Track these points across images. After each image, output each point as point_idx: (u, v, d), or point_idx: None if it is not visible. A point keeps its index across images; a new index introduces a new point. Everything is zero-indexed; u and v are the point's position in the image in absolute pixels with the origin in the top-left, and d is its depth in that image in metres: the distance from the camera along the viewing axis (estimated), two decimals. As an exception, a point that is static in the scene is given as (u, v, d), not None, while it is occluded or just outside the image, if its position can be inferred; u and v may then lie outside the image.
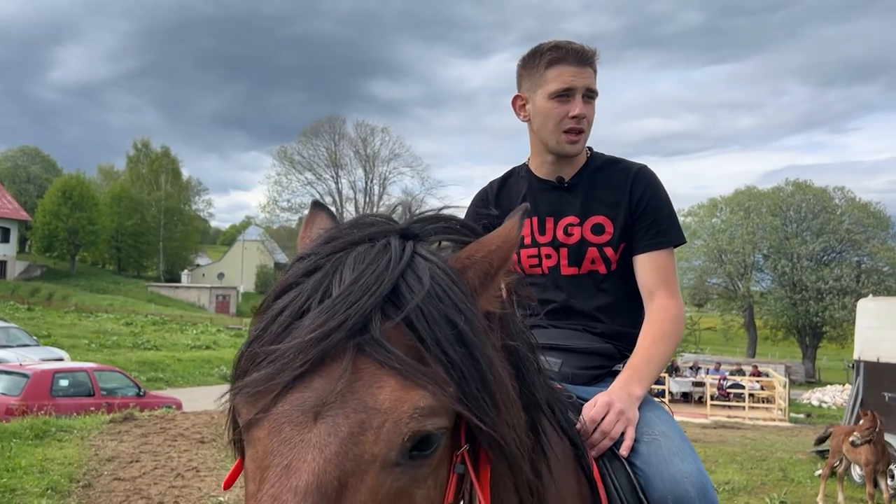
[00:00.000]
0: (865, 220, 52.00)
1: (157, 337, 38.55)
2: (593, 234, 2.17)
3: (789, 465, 13.44)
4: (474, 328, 1.07)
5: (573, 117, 2.13)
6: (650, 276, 2.13)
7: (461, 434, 1.09)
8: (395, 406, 0.98)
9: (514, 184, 2.35)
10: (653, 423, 1.86)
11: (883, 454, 9.46)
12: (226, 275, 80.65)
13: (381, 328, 1.01)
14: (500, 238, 1.19)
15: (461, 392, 1.02)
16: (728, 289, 56.35)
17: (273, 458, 0.97)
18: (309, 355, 0.98)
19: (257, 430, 1.01)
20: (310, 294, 1.05)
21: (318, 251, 1.13)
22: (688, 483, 1.71)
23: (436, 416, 1.00)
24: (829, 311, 48.14)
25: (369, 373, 0.99)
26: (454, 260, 1.16)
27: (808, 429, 22.24)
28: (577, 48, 2.15)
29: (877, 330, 12.77)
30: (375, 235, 1.14)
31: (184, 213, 77.99)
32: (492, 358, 1.09)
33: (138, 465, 8.84)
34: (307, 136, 66.95)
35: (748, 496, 10.26)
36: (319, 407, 0.97)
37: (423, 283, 1.05)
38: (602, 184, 2.22)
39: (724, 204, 56.52)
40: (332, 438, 0.96)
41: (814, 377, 48.67)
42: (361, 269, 1.05)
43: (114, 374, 16.80)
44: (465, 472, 1.10)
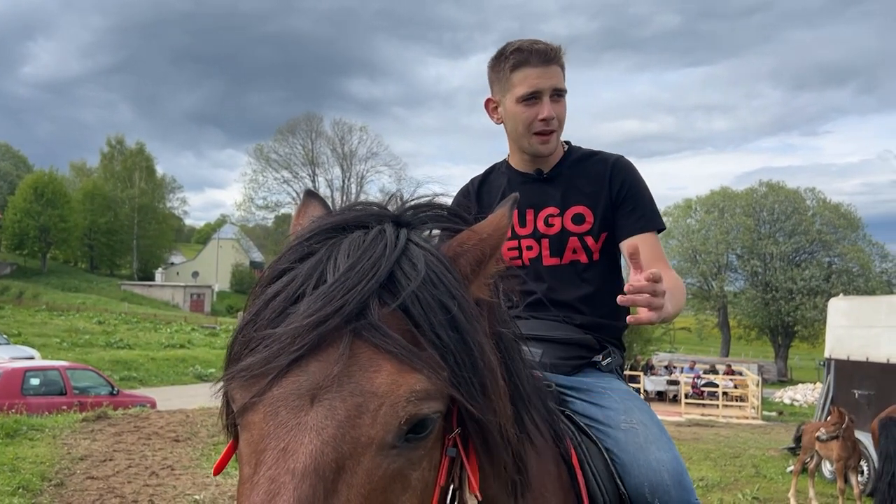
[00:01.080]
0: (836, 222, 52.85)
1: (130, 336, 38.07)
2: (574, 223, 2.19)
3: (762, 461, 13.63)
4: (467, 314, 1.08)
5: (542, 120, 2.14)
6: (643, 255, 2.08)
7: (453, 418, 1.10)
8: (392, 390, 0.99)
9: (494, 179, 2.37)
10: (632, 412, 1.89)
11: (854, 450, 9.62)
12: (200, 273, 79.90)
13: (378, 313, 1.02)
14: (492, 226, 1.21)
15: (454, 376, 1.04)
16: (702, 289, 56.95)
17: (269, 441, 0.97)
18: (306, 339, 0.98)
19: (253, 414, 1.01)
20: (304, 279, 1.06)
21: (311, 237, 1.14)
22: (664, 471, 1.75)
23: (431, 399, 1.01)
24: (801, 311, 48.86)
25: (366, 357, 1.00)
26: (446, 247, 1.18)
27: (780, 426, 22.57)
28: (539, 48, 2.14)
29: (847, 329, 12.97)
30: (369, 222, 1.15)
31: (158, 210, 77.17)
32: (483, 344, 1.11)
33: (112, 463, 8.73)
34: (284, 134, 66.63)
35: (722, 492, 10.39)
36: (316, 390, 0.98)
37: (419, 270, 1.06)
38: (581, 175, 2.24)
39: (698, 205, 57.12)
40: (330, 421, 0.96)
41: (786, 376, 49.37)
42: (357, 255, 1.06)
43: (86, 373, 16.56)
44: (457, 455, 1.12)
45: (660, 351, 41.25)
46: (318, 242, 1.12)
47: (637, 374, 28.92)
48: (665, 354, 40.31)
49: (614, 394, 1.95)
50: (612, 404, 1.91)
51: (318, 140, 66.86)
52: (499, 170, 2.38)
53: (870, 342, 12.12)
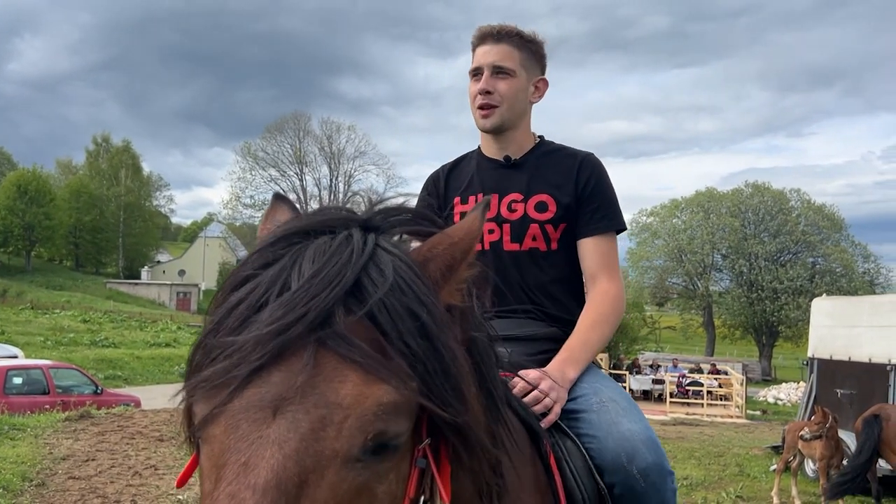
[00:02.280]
0: (820, 223, 53.31)
1: (115, 334, 37.83)
2: (536, 211, 2.22)
3: (746, 460, 13.72)
4: (437, 321, 1.06)
5: (480, 93, 2.23)
6: (593, 260, 2.20)
7: (423, 428, 1.08)
8: (358, 401, 0.95)
9: (464, 165, 2.42)
10: (601, 392, 1.94)
11: (836, 449, 9.70)
12: (187, 272, 79.44)
13: (344, 322, 0.98)
14: (463, 231, 1.18)
15: (424, 385, 1.01)
16: (688, 288, 57.29)
17: (230, 455, 0.93)
18: (267, 348, 0.95)
19: (213, 427, 0.97)
20: (268, 287, 1.02)
21: (276, 242, 1.10)
22: (636, 439, 1.80)
23: (399, 412, 0.99)
24: (785, 311, 49.24)
25: (331, 367, 0.96)
26: (416, 252, 1.15)
27: (763, 425, 22.74)
28: (492, 29, 2.24)
29: (830, 328, 13.08)
30: (336, 227, 1.12)
31: (144, 209, 76.79)
32: (454, 350, 1.08)
33: (94, 463, 8.68)
34: (271, 132, 66.34)
35: (706, 491, 10.45)
36: (279, 402, 0.94)
37: (386, 277, 1.03)
38: (548, 166, 2.28)
39: (684, 205, 57.43)
40: (292, 434, 0.93)
41: (770, 375, 49.75)
42: (322, 261, 1.03)
43: (70, 372, 16.45)
44: (427, 467, 1.08)
45: (645, 350, 41.48)
46: (283, 248, 1.08)
47: (622, 374, 29.05)
48: (651, 353, 40.51)
49: (583, 382, 1.99)
50: (583, 389, 1.95)
51: (305, 139, 66.69)
52: (470, 157, 2.44)
53: (852, 342, 12.23)
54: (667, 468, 1.84)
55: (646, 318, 45.90)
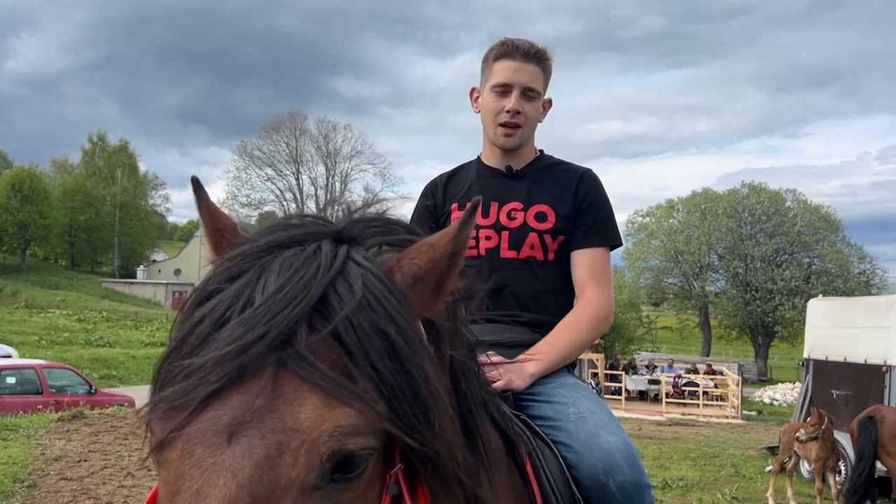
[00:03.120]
0: (816, 223, 53.37)
1: (110, 334, 37.77)
2: (536, 220, 2.23)
3: (741, 461, 13.72)
4: (408, 340, 1.01)
5: (508, 112, 2.20)
6: (584, 271, 2.22)
7: (395, 453, 1.03)
8: (315, 425, 0.91)
9: (463, 173, 2.42)
10: (580, 403, 1.92)
11: (832, 450, 9.69)
12: (183, 271, 79.27)
13: (306, 341, 0.94)
14: (439, 236, 1.12)
15: (391, 409, 0.96)
16: (684, 288, 57.34)
17: (183, 482, 0.89)
18: (226, 370, 0.91)
19: (170, 451, 0.93)
20: (231, 302, 0.98)
21: (243, 254, 1.05)
22: (615, 452, 1.78)
23: (360, 435, 0.93)
24: (780, 311, 49.30)
25: (290, 389, 0.92)
26: (390, 264, 1.09)
27: (759, 426, 22.76)
28: (522, 44, 2.21)
29: (826, 329, 13.08)
30: (306, 238, 1.07)
31: (140, 208, 76.61)
32: (426, 371, 1.03)
33: (87, 464, 8.62)
34: (268, 131, 66.23)
35: (701, 492, 10.44)
36: (235, 426, 0.90)
37: (355, 292, 0.98)
38: (549, 178, 2.30)
39: (681, 205, 57.50)
40: (246, 461, 0.88)
41: (766, 375, 49.80)
42: (288, 275, 0.98)
43: (64, 372, 16.38)
44: (399, 493, 1.03)
45: (641, 350, 41.52)
46: (251, 261, 1.03)
47: (619, 374, 29.05)
48: (647, 354, 40.55)
49: (563, 389, 1.98)
50: (562, 399, 1.93)
51: (302, 138, 66.59)
52: (469, 165, 2.45)
53: (848, 343, 12.23)
54: (644, 482, 1.82)
55: (642, 319, 45.97)
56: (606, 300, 2.20)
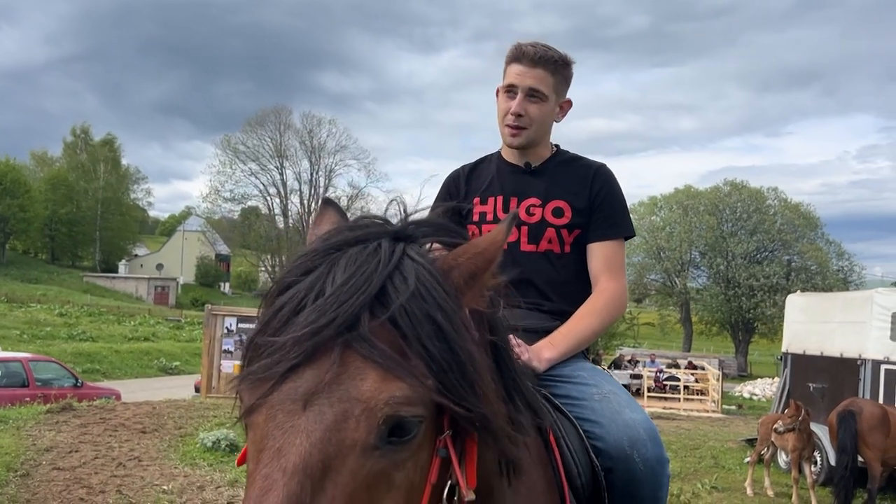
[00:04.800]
0: (796, 221, 54.01)
1: (93, 328, 37.55)
2: (553, 216, 2.37)
3: (721, 453, 14.00)
4: (455, 325, 1.16)
5: (512, 114, 2.34)
6: (599, 263, 2.36)
7: (444, 421, 1.18)
8: (374, 396, 1.07)
9: (484, 167, 2.54)
10: (602, 385, 2.08)
11: (808, 441, 9.96)
12: (165, 266, 78.80)
13: (368, 326, 1.09)
14: (487, 241, 1.29)
15: (441, 383, 1.12)
16: (666, 285, 57.85)
17: (267, 441, 1.07)
18: (302, 348, 1.08)
19: (257, 415, 1.11)
20: (306, 292, 1.14)
21: (316, 251, 1.23)
22: (639, 427, 1.94)
23: (411, 405, 1.09)
24: (761, 308, 49.89)
25: (354, 366, 1.08)
26: (442, 261, 1.25)
27: (739, 419, 23.11)
28: (531, 49, 2.33)
29: (804, 324, 13.37)
30: (369, 237, 1.23)
31: (122, 202, 75.90)
32: (472, 352, 1.18)
33: (78, 454, 8.69)
34: (252, 125, 65.77)
35: (681, 482, 10.67)
36: (309, 396, 1.07)
37: (409, 284, 1.14)
38: (565, 174, 2.43)
39: (663, 202, 57.93)
40: (318, 425, 1.05)
41: (746, 371, 50.41)
42: (352, 270, 1.14)
43: (49, 365, 16.36)
44: (447, 456, 1.18)
45: (624, 345, 41.90)
46: (322, 257, 1.20)
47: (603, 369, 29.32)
48: (628, 349, 40.91)
49: (583, 371, 2.13)
50: (584, 380, 2.09)
51: (286, 132, 66.18)
52: (490, 159, 2.56)
53: (825, 337, 12.52)
54: (665, 457, 1.98)
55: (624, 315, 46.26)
56: (620, 289, 2.34)
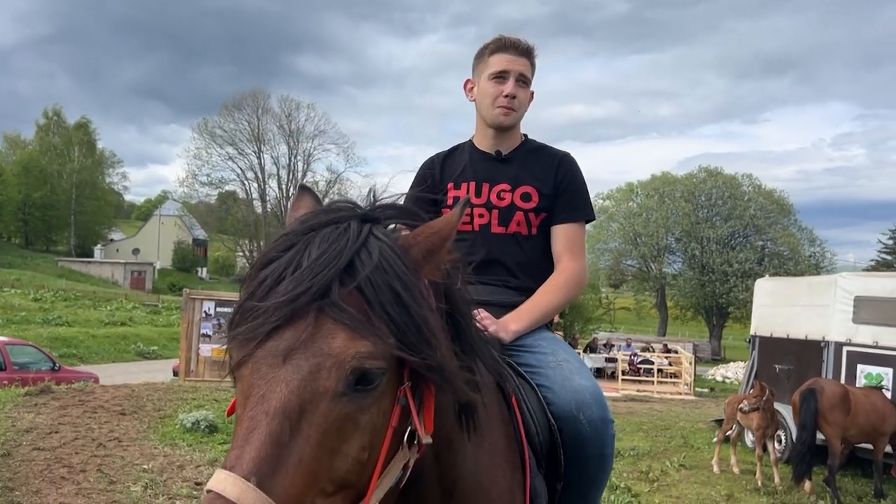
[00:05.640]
0: (769, 207, 54.79)
1: (68, 313, 37.25)
2: (522, 200, 2.58)
3: (690, 433, 14.38)
4: (412, 294, 1.35)
5: (506, 96, 2.56)
6: (561, 243, 2.58)
7: (405, 374, 1.37)
8: (343, 351, 1.26)
9: (458, 155, 2.75)
10: (557, 353, 2.31)
11: (772, 420, 10.30)
12: (141, 250, 78.15)
13: (338, 293, 1.28)
14: (442, 223, 1.49)
15: (399, 340, 1.30)
16: (642, 270, 58.53)
17: (253, 389, 1.26)
18: (282, 313, 1.26)
19: (244, 369, 1.30)
20: (285, 266, 1.33)
21: (295, 231, 1.41)
22: (586, 392, 2.18)
23: (374, 359, 1.28)
24: (734, 293, 50.67)
25: (326, 327, 1.27)
26: (403, 239, 1.44)
27: (710, 401, 23.59)
28: (516, 40, 2.59)
29: (771, 307, 13.72)
30: (340, 219, 1.42)
31: (97, 185, 74.98)
32: (427, 316, 1.37)
33: (58, 435, 8.79)
34: (229, 109, 65.26)
35: (651, 460, 11.00)
36: (288, 352, 1.26)
37: (373, 258, 1.33)
38: (533, 162, 2.65)
39: (640, 189, 58.45)
40: (296, 375, 1.24)
41: (719, 355, 51.24)
42: (325, 246, 1.33)
43: (26, 349, 16.33)
44: (407, 404, 1.38)
45: (600, 330, 42.42)
46: (300, 236, 1.39)
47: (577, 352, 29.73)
48: (605, 333, 41.45)
49: (543, 342, 2.36)
50: (543, 350, 2.32)
51: (264, 116, 65.79)
52: (462, 148, 2.76)
53: (791, 320, 12.85)
54: (609, 418, 2.22)
55: (601, 300, 46.79)
56: (580, 268, 2.57)
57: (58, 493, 6.59)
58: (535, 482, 2.01)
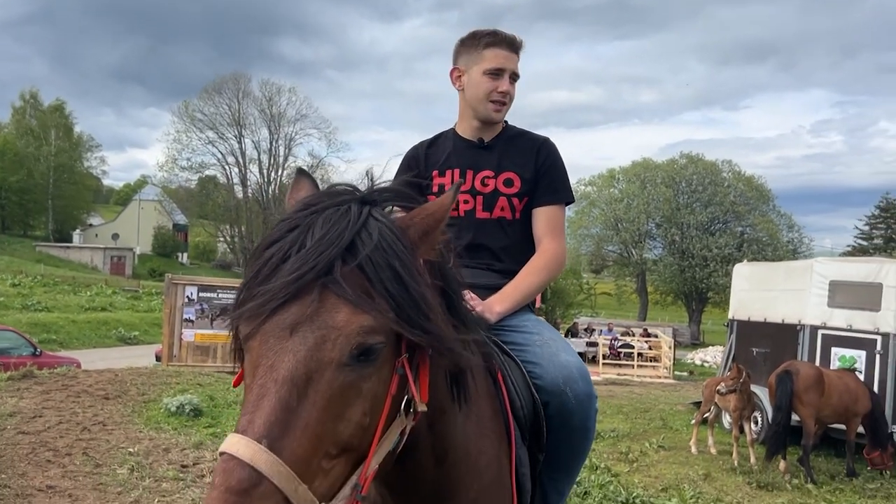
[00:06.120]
0: (749, 193, 55.36)
1: (48, 298, 36.91)
2: (504, 186, 2.67)
3: (669, 415, 14.64)
4: (410, 271, 1.43)
5: (500, 92, 2.64)
6: (542, 226, 2.67)
7: (402, 346, 1.46)
8: (346, 325, 1.34)
9: (442, 143, 2.82)
10: (543, 332, 2.43)
11: (749, 402, 10.54)
12: (121, 236, 77.47)
13: (341, 271, 1.36)
14: (437, 205, 1.58)
15: (398, 316, 1.39)
16: (623, 256, 58.98)
17: (262, 359, 1.35)
18: (289, 289, 1.35)
19: (252, 341, 1.39)
20: (290, 246, 1.41)
21: (298, 213, 1.49)
22: (573, 368, 2.29)
23: (376, 333, 1.37)
24: (714, 278, 51.24)
25: (330, 303, 1.36)
26: (400, 221, 1.52)
27: (689, 385, 23.98)
28: (510, 37, 2.67)
29: (748, 292, 13.96)
30: (341, 202, 1.49)
31: (75, 170, 74.00)
32: (424, 293, 1.46)
33: (42, 419, 8.78)
34: (210, 93, 64.68)
35: (630, 441, 11.21)
36: (294, 325, 1.34)
37: (373, 238, 1.41)
38: (514, 148, 2.73)
39: (621, 175, 58.77)
40: (302, 346, 1.33)
41: (699, 339, 51.90)
42: (328, 227, 1.41)
43: (6, 333, 16.23)
44: (404, 374, 1.47)
45: (581, 314, 42.79)
46: (303, 218, 1.47)
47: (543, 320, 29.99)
48: (586, 318, 41.81)
49: (528, 322, 2.47)
50: (528, 329, 2.43)
51: (245, 100, 65.24)
52: (446, 135, 2.84)
53: (768, 304, 13.11)
54: (593, 393, 2.34)
55: (582, 285, 47.15)
56: (560, 249, 2.66)
57: (44, 476, 6.62)
58: (519, 452, 2.13)
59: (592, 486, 8.06)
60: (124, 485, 6.60)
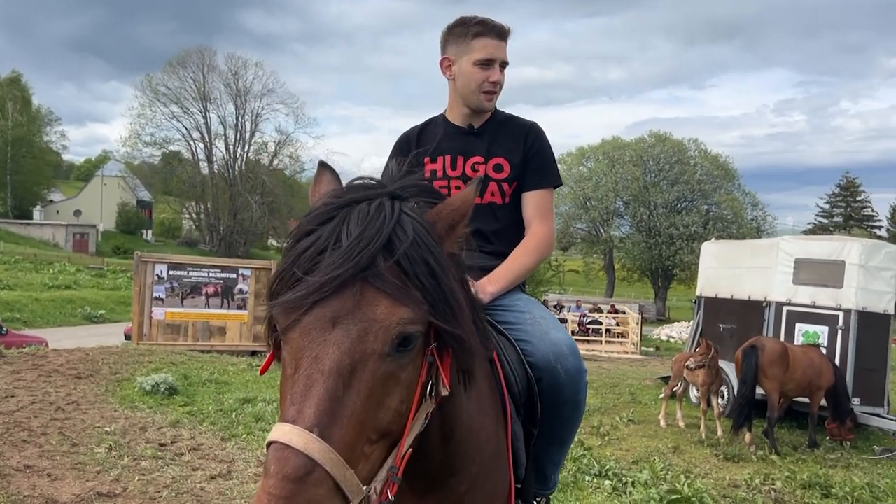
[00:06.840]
0: (714, 172, 56.16)
1: (9, 276, 36.15)
2: (494, 171, 2.73)
3: (638, 390, 14.95)
4: (441, 266, 1.51)
5: (492, 82, 2.70)
6: (531, 209, 2.75)
7: (431, 336, 1.54)
8: (387, 317, 1.41)
9: (432, 129, 2.87)
10: (533, 311, 2.51)
11: (717, 377, 10.83)
12: (83, 212, 75.93)
13: (381, 266, 1.42)
14: (460, 200, 1.65)
15: (432, 308, 1.47)
16: (591, 233, 59.55)
17: (305, 351, 1.40)
18: (333, 285, 1.40)
19: (292, 333, 1.43)
20: (327, 238, 1.46)
21: (328, 205, 1.54)
22: (562, 344, 2.38)
23: (414, 323, 1.44)
24: (680, 255, 52.09)
25: (371, 296, 1.42)
26: (428, 215, 1.59)
27: (656, 360, 24.48)
28: (499, 26, 2.71)
29: (716, 269, 14.25)
30: (370, 196, 1.55)
31: (34, 144, 72.13)
32: (453, 286, 1.54)
33: (14, 399, 8.70)
34: (174, 66, 63.41)
35: (601, 416, 11.44)
36: (336, 318, 1.40)
37: (409, 235, 1.47)
38: (503, 134, 2.79)
39: (590, 153, 59.15)
40: (346, 338, 1.39)
41: (664, 315, 52.81)
42: (365, 223, 1.46)
43: (-30, 313, 15.91)
44: (433, 362, 1.56)
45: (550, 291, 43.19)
46: (335, 210, 1.52)
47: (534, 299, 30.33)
48: (555, 295, 42.23)
49: (519, 302, 2.55)
50: (520, 308, 2.51)
51: (210, 74, 64.11)
52: (436, 121, 2.89)
53: (735, 281, 13.41)
54: (583, 368, 2.43)
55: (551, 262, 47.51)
56: (549, 232, 2.75)
57: (21, 456, 6.58)
58: (514, 427, 2.23)
59: (567, 459, 8.24)
60: (103, 464, 6.58)
